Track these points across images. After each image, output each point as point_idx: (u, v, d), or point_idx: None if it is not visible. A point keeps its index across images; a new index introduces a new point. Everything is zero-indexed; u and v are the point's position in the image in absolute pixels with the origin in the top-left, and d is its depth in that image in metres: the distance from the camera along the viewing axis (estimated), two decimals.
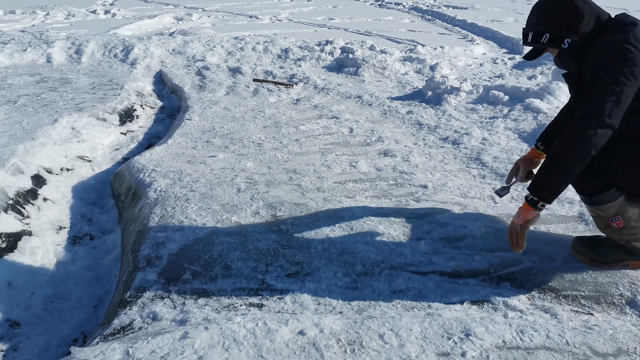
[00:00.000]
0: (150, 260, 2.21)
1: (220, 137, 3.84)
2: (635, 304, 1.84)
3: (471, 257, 2.16)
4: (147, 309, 1.89)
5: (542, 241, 2.27)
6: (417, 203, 2.68)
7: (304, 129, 4.00)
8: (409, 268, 2.11)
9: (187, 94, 5.29)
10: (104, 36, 7.91)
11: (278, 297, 1.95)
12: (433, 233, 2.36)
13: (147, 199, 2.78)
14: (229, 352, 1.53)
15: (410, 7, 14.13)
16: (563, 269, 2.06)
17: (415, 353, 1.54)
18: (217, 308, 1.89)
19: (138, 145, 4.29)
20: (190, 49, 7.29)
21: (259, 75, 6.04)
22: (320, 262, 2.16)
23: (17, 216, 2.81)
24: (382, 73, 6.07)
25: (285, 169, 3.16)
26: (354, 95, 5.03)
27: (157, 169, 3.16)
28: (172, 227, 2.45)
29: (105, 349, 1.56)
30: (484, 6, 13.77)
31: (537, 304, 1.88)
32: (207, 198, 2.74)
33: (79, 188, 3.36)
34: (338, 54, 6.84)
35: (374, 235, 2.34)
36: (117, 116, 4.70)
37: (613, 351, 1.57)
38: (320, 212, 2.58)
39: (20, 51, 6.99)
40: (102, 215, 3.09)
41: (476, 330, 1.63)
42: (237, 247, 2.29)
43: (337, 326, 1.66)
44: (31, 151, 3.49)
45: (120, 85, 5.59)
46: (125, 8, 13.28)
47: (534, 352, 1.55)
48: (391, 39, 8.85)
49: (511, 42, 8.00)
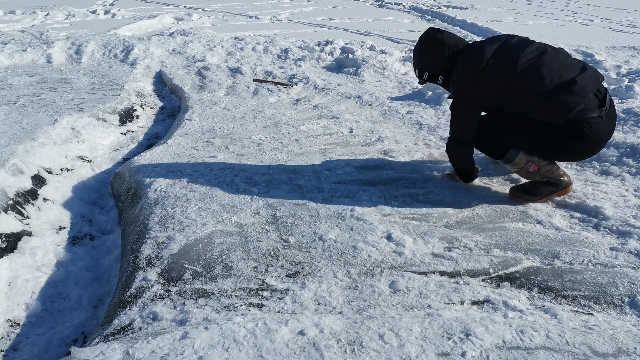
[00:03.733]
0: (150, 260, 2.21)
1: (220, 137, 3.84)
2: (635, 304, 1.84)
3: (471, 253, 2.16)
4: (147, 309, 1.89)
5: (542, 241, 2.28)
6: (418, 203, 2.69)
7: (304, 129, 4.00)
8: (409, 268, 2.11)
9: (187, 94, 5.29)
10: (104, 36, 7.91)
11: (278, 297, 1.95)
12: (435, 233, 2.36)
13: (147, 199, 2.78)
14: (229, 352, 1.53)
15: (410, 7, 14.13)
16: (563, 269, 2.06)
17: (415, 353, 1.54)
18: (217, 308, 1.89)
19: (138, 145, 4.29)
20: (190, 49, 7.29)
21: (259, 75, 6.04)
22: (320, 262, 2.16)
23: (17, 216, 2.81)
24: (382, 73, 6.07)
25: (285, 169, 3.17)
26: (354, 96, 5.03)
27: (157, 169, 3.16)
28: (172, 227, 2.45)
29: (105, 349, 1.56)
30: (484, 6, 13.77)
31: (537, 304, 1.88)
32: (207, 198, 2.74)
33: (79, 188, 3.36)
34: (338, 54, 6.85)
35: (374, 235, 2.34)
36: (117, 116, 4.70)
37: (613, 351, 1.57)
38: (320, 212, 2.58)
39: (20, 51, 6.99)
40: (102, 216, 3.09)
41: (476, 330, 1.63)
42: (237, 247, 2.29)
43: (337, 326, 1.66)
44: (31, 151, 3.49)
45: (120, 85, 5.59)
46: (125, 8, 13.28)
47: (534, 352, 1.55)
48: (391, 39, 8.85)
49: None
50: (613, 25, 10.24)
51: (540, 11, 12.82)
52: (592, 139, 2.46)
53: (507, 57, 2.49)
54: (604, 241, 2.27)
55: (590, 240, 2.28)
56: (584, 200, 2.62)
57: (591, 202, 2.60)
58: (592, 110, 2.41)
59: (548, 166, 2.61)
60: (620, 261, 2.11)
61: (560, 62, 2.47)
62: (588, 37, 8.60)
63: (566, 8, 13.46)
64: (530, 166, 2.59)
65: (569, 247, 2.23)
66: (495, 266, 2.11)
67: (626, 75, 5.26)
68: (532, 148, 2.56)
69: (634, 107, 3.83)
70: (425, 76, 2.74)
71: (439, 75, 2.67)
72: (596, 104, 2.44)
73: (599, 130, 2.44)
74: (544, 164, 2.59)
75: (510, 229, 2.40)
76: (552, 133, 2.47)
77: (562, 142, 2.48)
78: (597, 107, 2.44)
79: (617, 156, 3.12)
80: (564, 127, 2.43)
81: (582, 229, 2.40)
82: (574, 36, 8.79)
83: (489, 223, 2.47)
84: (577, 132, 2.43)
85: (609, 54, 6.71)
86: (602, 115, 2.43)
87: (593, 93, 2.43)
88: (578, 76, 2.42)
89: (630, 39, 8.43)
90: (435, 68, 2.68)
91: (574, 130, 2.43)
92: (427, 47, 2.70)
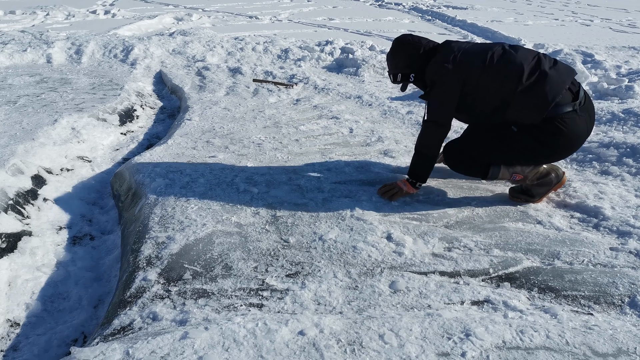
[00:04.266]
0: (151, 260, 2.21)
1: (220, 138, 3.84)
2: (635, 304, 1.84)
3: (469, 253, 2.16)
4: (147, 309, 1.89)
5: (542, 241, 2.28)
6: (418, 203, 2.69)
7: (304, 129, 4.00)
8: (409, 268, 2.11)
9: (187, 94, 5.29)
10: (104, 36, 7.91)
11: (278, 297, 1.95)
12: (435, 233, 2.36)
13: (147, 199, 2.78)
14: (229, 353, 1.53)
15: (410, 7, 14.13)
16: (563, 269, 2.06)
17: (415, 353, 1.54)
18: (217, 308, 1.89)
19: (138, 145, 4.29)
20: (190, 49, 7.29)
21: (259, 75, 6.04)
22: (320, 262, 2.16)
23: (17, 216, 2.81)
24: (382, 73, 6.07)
25: (285, 169, 3.17)
26: (354, 96, 5.03)
27: (157, 169, 3.16)
28: (172, 227, 2.45)
29: (105, 349, 1.56)
30: (484, 6, 13.78)
31: (537, 304, 1.88)
32: (207, 198, 2.74)
33: (79, 188, 3.36)
34: (338, 54, 6.85)
35: (374, 235, 2.34)
36: (117, 116, 4.70)
37: (613, 351, 1.57)
38: (320, 212, 2.58)
39: (20, 51, 6.98)
40: (102, 216, 3.09)
41: (476, 330, 1.63)
42: (237, 247, 2.29)
43: (337, 326, 1.66)
44: (31, 151, 3.49)
45: (120, 85, 5.59)
46: (125, 8, 13.28)
47: (534, 352, 1.55)
48: (391, 39, 8.82)
49: (511, 42, 8.00)
50: (613, 25, 10.24)
51: (540, 11, 12.82)
52: (568, 135, 2.44)
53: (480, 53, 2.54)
54: (604, 241, 2.27)
55: (590, 240, 2.28)
56: (584, 200, 2.62)
57: (591, 202, 2.60)
58: (566, 104, 2.41)
59: (534, 170, 2.62)
60: (620, 261, 2.11)
61: (532, 55, 2.49)
62: (588, 37, 8.60)
63: (566, 8, 13.46)
64: (516, 177, 2.62)
65: (569, 247, 2.23)
66: (495, 266, 2.11)
67: (626, 75, 5.26)
68: (511, 159, 2.58)
69: (634, 107, 3.83)
70: (398, 77, 2.77)
71: (410, 73, 2.71)
72: (570, 98, 2.43)
73: (574, 124, 2.43)
74: (528, 170, 2.61)
75: (510, 229, 2.40)
76: (527, 137, 2.47)
77: (540, 143, 2.47)
78: (571, 101, 2.43)
79: (617, 156, 3.12)
80: (538, 127, 2.44)
81: (582, 229, 2.41)
82: (574, 36, 8.79)
83: (489, 223, 2.47)
84: (552, 129, 2.42)
85: (609, 54, 6.71)
86: (577, 109, 2.42)
87: (567, 86, 2.42)
88: (551, 69, 2.43)
89: (630, 39, 8.43)
90: (408, 67, 2.71)
91: (549, 128, 2.42)
92: (399, 49, 2.75)
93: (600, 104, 4.27)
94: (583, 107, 2.47)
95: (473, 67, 2.50)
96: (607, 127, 3.63)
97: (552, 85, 2.39)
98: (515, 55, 2.49)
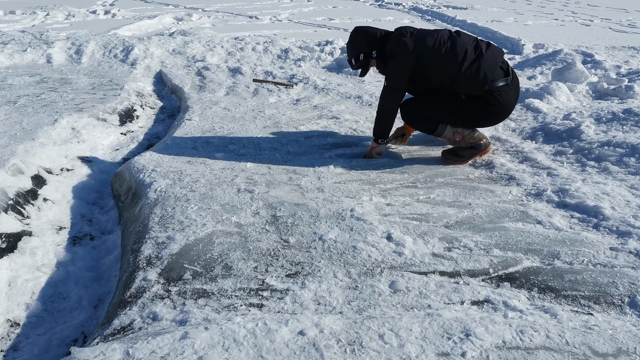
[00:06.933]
0: (151, 260, 2.21)
1: (220, 138, 3.84)
2: (635, 304, 1.84)
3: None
4: (147, 309, 1.89)
5: (542, 241, 2.28)
6: (418, 203, 2.69)
7: (304, 129, 4.00)
8: (409, 268, 2.11)
9: (187, 94, 5.29)
10: (104, 36, 7.91)
11: (278, 297, 1.95)
12: (435, 233, 2.36)
13: (147, 199, 2.78)
14: (229, 352, 1.53)
15: (410, 7, 14.14)
16: (563, 269, 2.06)
17: (415, 353, 1.54)
18: (217, 308, 1.89)
19: (138, 145, 4.29)
20: (190, 49, 7.29)
21: (259, 75, 6.04)
22: (320, 262, 2.16)
23: (17, 216, 2.81)
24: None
25: (285, 169, 3.17)
26: (354, 96, 5.03)
27: (157, 169, 3.16)
28: (172, 227, 2.45)
29: (105, 349, 1.56)
30: (484, 6, 13.78)
31: (537, 304, 1.88)
32: (207, 198, 2.74)
33: (79, 188, 3.36)
34: (338, 54, 6.85)
35: (374, 235, 2.34)
36: (117, 116, 4.70)
37: (613, 351, 1.57)
38: (320, 212, 2.58)
39: (20, 51, 6.99)
40: (102, 216, 3.09)
41: (476, 330, 1.63)
42: (237, 247, 2.29)
43: (337, 326, 1.66)
44: (31, 151, 3.49)
45: (120, 85, 5.59)
46: (125, 8, 13.28)
47: (534, 352, 1.55)
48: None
49: (511, 42, 8.00)
50: (613, 25, 10.24)
51: (540, 11, 12.82)
52: (503, 105, 3.05)
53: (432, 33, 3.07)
54: (604, 241, 2.27)
55: (590, 240, 2.28)
56: (584, 200, 2.62)
57: (591, 202, 2.60)
58: (500, 80, 3.00)
59: (471, 134, 3.18)
60: (620, 261, 2.10)
61: (472, 40, 3.03)
62: (588, 37, 8.60)
63: (566, 8, 13.46)
64: (457, 137, 3.17)
65: (569, 247, 2.23)
66: (495, 266, 2.11)
67: (626, 75, 5.26)
68: (456, 121, 3.14)
69: (634, 107, 3.83)
70: (360, 57, 3.16)
71: (372, 51, 3.12)
72: (502, 75, 3.02)
73: (508, 96, 3.05)
74: (467, 133, 3.17)
75: (510, 229, 2.40)
76: (472, 104, 3.04)
77: (481, 111, 3.05)
78: (503, 77, 3.02)
79: (617, 156, 3.12)
80: (480, 97, 3.01)
81: (582, 229, 2.40)
82: (574, 36, 8.79)
83: (489, 223, 2.47)
84: (491, 100, 3.02)
85: (609, 54, 6.71)
86: (509, 83, 3.04)
87: (499, 64, 3.00)
88: (487, 51, 2.98)
89: (630, 39, 8.43)
90: (368, 47, 3.14)
91: (489, 99, 3.01)
92: (360, 35, 3.18)
93: (601, 104, 4.27)
94: (512, 81, 3.07)
95: (425, 44, 3.01)
96: (607, 127, 3.63)
97: (489, 64, 2.95)
98: (459, 39, 3.01)
